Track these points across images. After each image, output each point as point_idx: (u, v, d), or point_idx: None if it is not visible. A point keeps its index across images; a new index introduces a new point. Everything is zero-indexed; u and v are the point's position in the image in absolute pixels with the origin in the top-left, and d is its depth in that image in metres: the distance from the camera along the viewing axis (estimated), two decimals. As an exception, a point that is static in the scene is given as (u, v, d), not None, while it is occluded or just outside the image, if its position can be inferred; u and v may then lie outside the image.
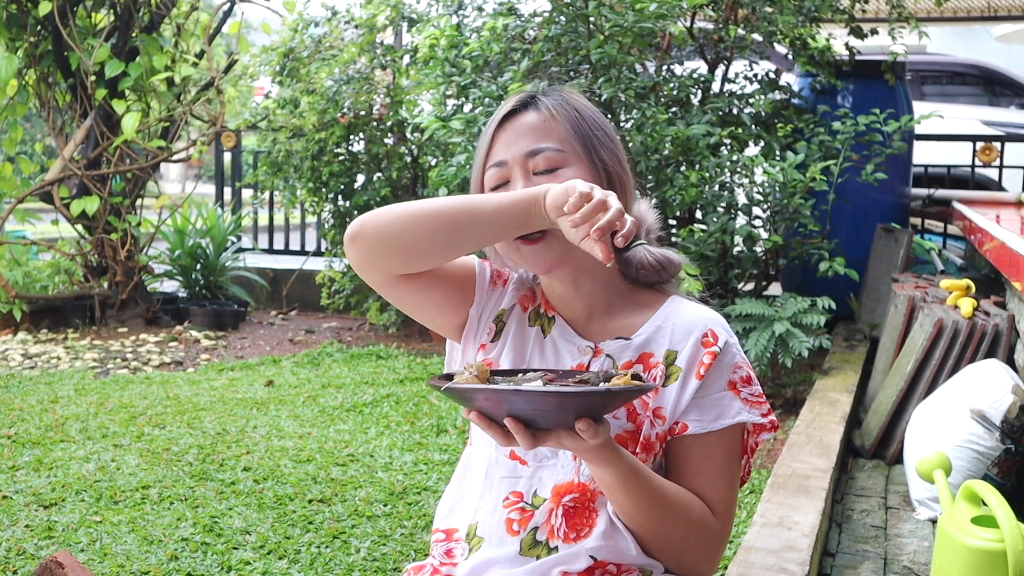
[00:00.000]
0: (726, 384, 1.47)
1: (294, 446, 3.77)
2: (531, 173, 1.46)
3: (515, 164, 1.46)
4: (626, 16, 4.18)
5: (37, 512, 3.10)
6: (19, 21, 5.86)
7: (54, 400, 4.37)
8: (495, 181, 1.48)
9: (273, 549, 2.85)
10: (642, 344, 1.48)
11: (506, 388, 1.23)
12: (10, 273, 5.87)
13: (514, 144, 1.47)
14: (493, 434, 1.27)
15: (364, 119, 5.77)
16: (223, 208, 7.35)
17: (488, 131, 1.51)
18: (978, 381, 3.25)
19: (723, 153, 4.56)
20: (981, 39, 13.67)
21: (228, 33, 6.46)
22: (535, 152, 1.46)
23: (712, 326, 1.48)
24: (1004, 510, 2.21)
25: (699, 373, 1.45)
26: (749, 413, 1.47)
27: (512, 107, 1.49)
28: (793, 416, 3.96)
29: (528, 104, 1.49)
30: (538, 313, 1.56)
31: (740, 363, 1.48)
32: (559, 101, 1.49)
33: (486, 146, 1.50)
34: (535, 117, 1.48)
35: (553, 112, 1.48)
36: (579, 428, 1.23)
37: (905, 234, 5.02)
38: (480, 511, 1.50)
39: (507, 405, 1.23)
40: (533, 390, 1.22)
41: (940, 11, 6.85)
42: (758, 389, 1.49)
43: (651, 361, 1.48)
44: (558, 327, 1.53)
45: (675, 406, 1.45)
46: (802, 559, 2.40)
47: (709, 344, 1.46)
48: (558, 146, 1.46)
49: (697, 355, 1.46)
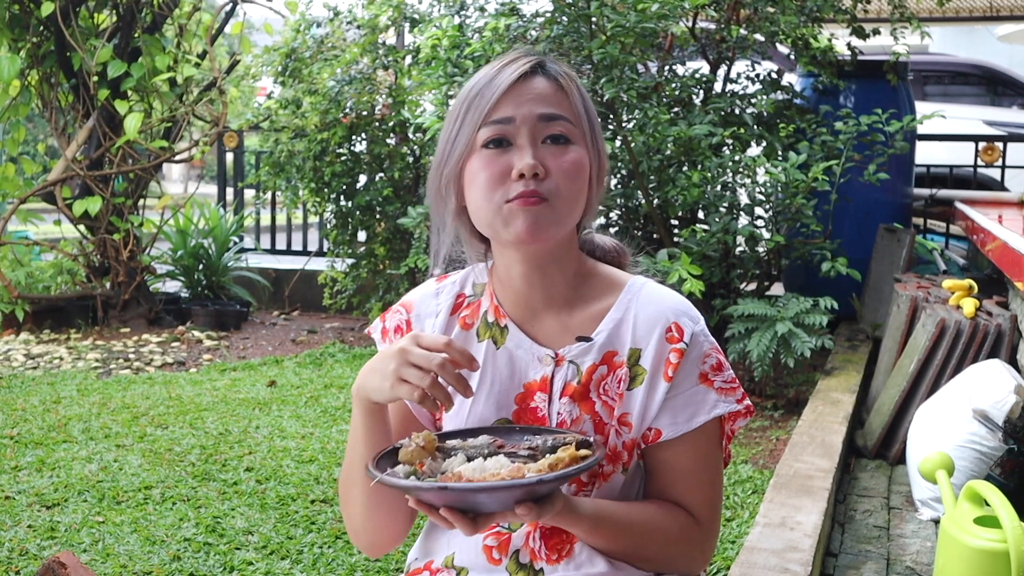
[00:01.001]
0: (697, 378, 1.38)
1: (296, 446, 3.77)
2: (538, 140, 1.34)
3: (524, 124, 1.33)
4: (628, 16, 4.18)
5: (40, 512, 3.10)
6: (22, 22, 5.86)
7: (56, 400, 4.37)
8: (493, 135, 1.34)
9: (275, 549, 2.86)
10: (605, 343, 1.39)
11: (431, 486, 1.17)
12: (13, 273, 5.87)
13: (525, 104, 1.34)
14: (435, 519, 1.21)
15: (366, 119, 5.77)
16: (225, 208, 7.35)
17: (487, 87, 1.35)
18: (981, 381, 3.24)
19: (725, 153, 4.56)
20: (983, 39, 13.65)
21: (230, 33, 6.46)
22: (552, 117, 1.34)
23: (676, 318, 1.38)
24: (1007, 510, 2.21)
25: (667, 374, 1.37)
26: (725, 403, 1.38)
27: (522, 71, 1.36)
28: (795, 416, 3.96)
29: (537, 70, 1.37)
30: (487, 323, 1.44)
31: (708, 351, 1.39)
32: (568, 75, 1.39)
33: (487, 103, 1.34)
34: (546, 84, 1.37)
35: (566, 84, 1.38)
36: (519, 513, 1.18)
37: (907, 234, 5.01)
38: (453, 540, 1.44)
39: (440, 501, 1.19)
40: (461, 487, 1.16)
41: (942, 11, 6.85)
42: (730, 374, 1.41)
43: (615, 360, 1.39)
44: (512, 337, 1.42)
45: (643, 412, 1.37)
46: (804, 559, 2.40)
47: (674, 340, 1.37)
48: (571, 118, 1.36)
49: (663, 353, 1.37)
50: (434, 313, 1.47)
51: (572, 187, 1.34)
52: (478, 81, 1.38)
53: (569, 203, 1.34)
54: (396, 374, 1.27)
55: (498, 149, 1.33)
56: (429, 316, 1.47)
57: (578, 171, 1.35)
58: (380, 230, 5.80)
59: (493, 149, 1.34)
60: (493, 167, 1.33)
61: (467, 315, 1.46)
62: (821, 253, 4.37)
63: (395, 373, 1.27)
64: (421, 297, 1.50)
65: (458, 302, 1.47)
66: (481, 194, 1.34)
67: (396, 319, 1.49)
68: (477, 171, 1.34)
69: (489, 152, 1.34)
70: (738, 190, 4.58)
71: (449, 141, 1.37)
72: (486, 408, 1.41)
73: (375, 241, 5.80)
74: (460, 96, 1.39)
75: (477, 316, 1.45)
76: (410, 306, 1.49)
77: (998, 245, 3.89)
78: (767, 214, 4.66)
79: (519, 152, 1.32)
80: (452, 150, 1.37)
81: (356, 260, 5.89)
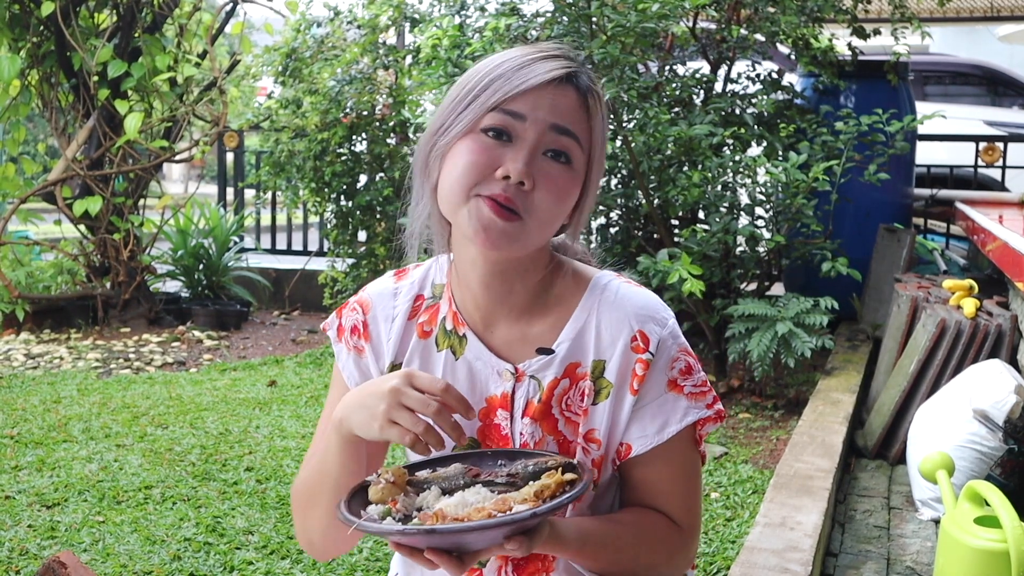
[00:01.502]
0: (665, 385, 1.32)
1: (297, 446, 3.77)
2: (540, 149, 1.26)
3: (533, 127, 1.25)
4: (628, 16, 4.18)
5: (40, 512, 3.10)
6: (22, 21, 5.86)
7: (57, 400, 4.37)
8: (498, 124, 1.26)
9: (276, 549, 2.86)
10: (566, 355, 1.32)
11: (417, 530, 1.11)
12: (13, 273, 5.87)
13: (543, 107, 1.26)
14: (418, 562, 1.15)
15: (367, 119, 5.77)
16: (226, 208, 7.35)
17: (515, 74, 1.27)
18: (981, 381, 3.24)
19: (725, 153, 4.56)
20: (984, 39, 13.66)
21: (231, 33, 6.47)
22: (563, 130, 1.26)
23: (640, 325, 1.31)
24: (1007, 510, 2.21)
25: (632, 387, 1.30)
26: (696, 409, 1.32)
27: (557, 74, 1.27)
28: (796, 416, 3.96)
29: (571, 78, 1.29)
30: (445, 332, 1.38)
31: (676, 354, 1.32)
32: (598, 96, 1.32)
33: (508, 90, 1.26)
34: (574, 96, 1.28)
35: (592, 104, 1.30)
36: (509, 548, 1.13)
37: (908, 234, 5.01)
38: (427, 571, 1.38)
39: (425, 543, 1.13)
40: (450, 529, 1.10)
41: (943, 11, 6.85)
42: (700, 376, 1.34)
43: (578, 372, 1.32)
44: (472, 348, 1.35)
45: (611, 427, 1.32)
46: (805, 559, 2.40)
47: (640, 350, 1.30)
48: (582, 140, 1.29)
49: (628, 365, 1.30)
50: (391, 317, 1.40)
51: (552, 208, 1.27)
52: (506, 62, 1.29)
53: (543, 224, 1.27)
54: (386, 415, 1.20)
55: (496, 140, 1.26)
56: (386, 320, 1.40)
57: (565, 194, 1.28)
58: (380, 230, 5.80)
59: (491, 138, 1.26)
60: (482, 155, 1.25)
61: (425, 321, 1.39)
62: (821, 253, 4.37)
63: (385, 414, 1.20)
64: (379, 295, 1.42)
65: (416, 305, 1.40)
66: (457, 175, 1.26)
67: (353, 319, 1.43)
68: (464, 152, 1.26)
69: (485, 140, 1.26)
70: (738, 190, 4.58)
71: (453, 112, 1.29)
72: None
73: (375, 241, 5.79)
74: (481, 68, 1.30)
75: (435, 323, 1.39)
76: (367, 305, 1.42)
77: (998, 245, 3.89)
78: (767, 214, 4.66)
79: (515, 152, 1.25)
80: (454, 123, 1.28)
81: (356, 260, 5.89)
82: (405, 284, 1.42)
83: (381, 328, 1.40)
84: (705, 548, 2.88)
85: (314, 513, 1.36)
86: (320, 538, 1.38)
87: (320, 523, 1.36)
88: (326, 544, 1.39)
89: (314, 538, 1.39)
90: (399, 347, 1.39)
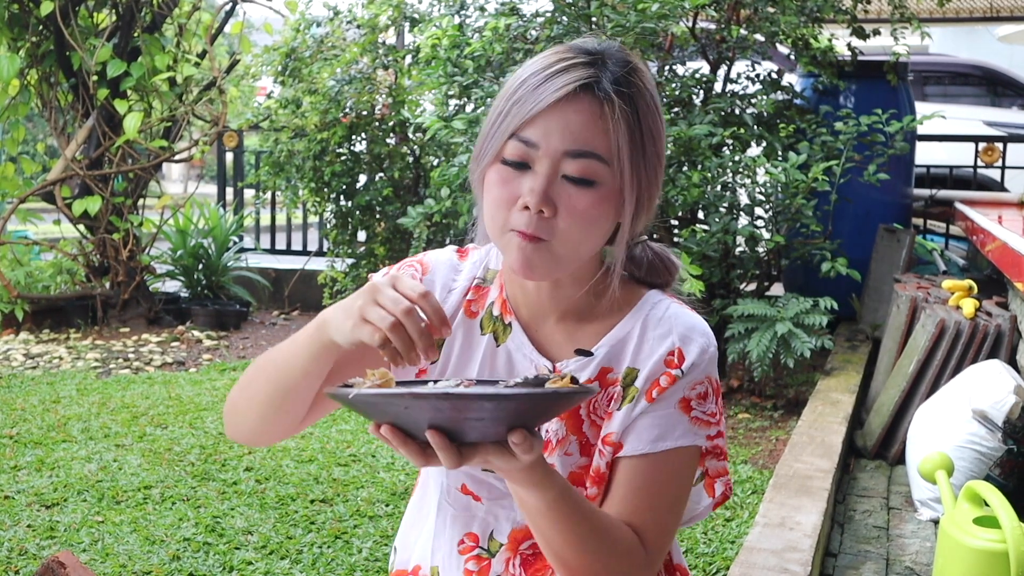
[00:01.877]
0: (677, 402, 1.29)
1: (296, 446, 3.77)
2: (557, 175, 1.23)
3: (547, 155, 1.23)
4: (628, 16, 4.18)
5: (39, 512, 3.10)
6: (21, 21, 5.86)
7: (56, 400, 4.37)
8: (515, 155, 1.25)
9: (275, 549, 2.85)
10: (603, 359, 1.32)
11: (432, 392, 1.04)
12: (12, 273, 5.87)
13: (555, 132, 1.23)
14: (408, 452, 1.09)
15: (366, 119, 5.77)
16: (225, 208, 7.35)
17: (530, 95, 1.24)
18: (980, 382, 3.25)
19: (725, 153, 4.56)
20: (983, 40, 13.65)
21: (230, 33, 6.46)
22: (577, 154, 1.23)
23: (682, 343, 1.30)
24: (1006, 511, 2.22)
25: (651, 395, 1.29)
26: (693, 435, 1.29)
27: (568, 90, 1.23)
28: (795, 416, 3.96)
29: (590, 86, 1.24)
30: (492, 316, 1.37)
31: (702, 379, 1.30)
32: (625, 98, 1.25)
33: (523, 115, 1.24)
34: (589, 109, 1.23)
35: (615, 112, 1.23)
36: (513, 442, 1.07)
37: (907, 234, 5.01)
38: (438, 552, 1.40)
39: (432, 413, 1.04)
40: (465, 393, 1.04)
41: (942, 12, 6.84)
42: (713, 407, 1.31)
43: (609, 377, 1.32)
44: (515, 338, 1.35)
45: (624, 432, 1.30)
46: (804, 559, 2.40)
47: (672, 365, 1.29)
48: (604, 156, 1.24)
49: (656, 375, 1.29)
50: (449, 288, 1.39)
51: (580, 231, 1.24)
52: (528, 79, 1.26)
53: (574, 246, 1.25)
54: (360, 312, 1.15)
55: (515, 170, 1.25)
56: (444, 288, 1.39)
57: (592, 216, 1.25)
58: (380, 230, 5.80)
59: (511, 168, 1.25)
60: (504, 189, 1.25)
61: (473, 300, 1.39)
62: (821, 253, 4.37)
63: (360, 311, 1.15)
64: (441, 264, 1.41)
65: (473, 286, 1.40)
66: (489, 211, 1.27)
67: (408, 275, 1.39)
68: (491, 185, 1.27)
69: (506, 170, 1.25)
70: (738, 190, 4.58)
71: (485, 137, 1.29)
72: None
73: (375, 241, 5.79)
74: (511, 84, 1.29)
75: (483, 305, 1.38)
76: (427, 268, 1.40)
77: (998, 246, 3.89)
78: (767, 214, 4.66)
79: (532, 181, 1.23)
80: (486, 150, 1.28)
81: (356, 260, 5.88)
82: (468, 263, 1.42)
83: (436, 295, 1.36)
84: (704, 548, 2.88)
85: (256, 391, 1.32)
86: (259, 418, 1.34)
87: (258, 408, 1.32)
88: (265, 428, 1.35)
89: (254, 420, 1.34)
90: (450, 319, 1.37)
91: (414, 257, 1.43)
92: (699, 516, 1.38)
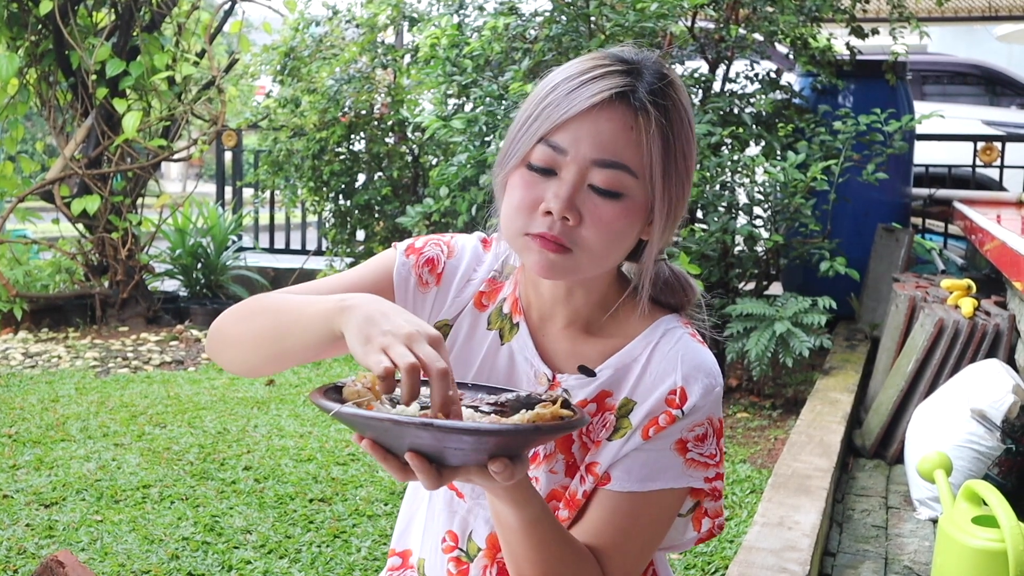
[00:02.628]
0: (673, 442, 1.24)
1: (295, 445, 3.77)
2: (583, 183, 1.19)
3: (574, 162, 1.19)
4: (627, 16, 4.18)
5: (38, 511, 3.10)
6: (20, 20, 5.86)
7: (55, 399, 4.37)
8: (542, 160, 1.21)
9: (274, 548, 2.86)
10: (604, 382, 1.28)
11: (412, 421, 1.01)
12: (11, 272, 5.87)
13: (585, 139, 1.19)
14: (388, 467, 1.06)
15: (365, 118, 5.77)
16: (224, 207, 7.34)
17: (563, 100, 1.20)
18: (979, 381, 3.25)
19: (724, 153, 4.56)
20: (982, 39, 13.66)
21: (229, 32, 6.46)
22: (606, 164, 1.19)
23: (685, 383, 1.24)
24: (1005, 510, 2.22)
25: (647, 433, 1.24)
26: (688, 477, 1.24)
27: (601, 97, 1.19)
28: (794, 416, 3.96)
29: (625, 95, 1.20)
30: (501, 313, 1.34)
31: (702, 420, 1.25)
32: (660, 109, 1.21)
33: (553, 120, 1.20)
34: (622, 118, 1.19)
35: (650, 124, 1.19)
36: (493, 470, 1.04)
37: (906, 234, 5.02)
38: (426, 546, 1.38)
39: (410, 440, 1.03)
40: (446, 425, 1.00)
41: (941, 11, 6.85)
42: (711, 448, 1.26)
43: (607, 402, 1.27)
44: (519, 339, 1.32)
45: (611, 465, 1.25)
46: (803, 559, 2.40)
47: (673, 405, 1.24)
48: (633, 169, 1.20)
49: (655, 413, 1.24)
50: (468, 279, 1.35)
51: (604, 242, 1.21)
52: (561, 84, 1.22)
53: (597, 257, 1.21)
54: (381, 342, 1.06)
55: (540, 175, 1.21)
56: (463, 279, 1.35)
57: (616, 228, 1.21)
58: (379, 229, 5.80)
59: (536, 173, 1.21)
60: (528, 193, 1.21)
61: (485, 293, 1.35)
62: (820, 253, 4.37)
63: (381, 342, 1.06)
64: (467, 251, 1.37)
65: (490, 278, 1.36)
66: (508, 213, 1.24)
67: (435, 252, 1.36)
68: (513, 188, 1.23)
69: (530, 175, 1.22)
70: (737, 189, 4.58)
71: (513, 139, 1.24)
72: None
73: (374, 240, 5.79)
74: (543, 88, 1.24)
75: (493, 300, 1.35)
76: (454, 251, 1.37)
77: (996, 245, 3.89)
78: (766, 214, 4.66)
79: (557, 188, 1.19)
80: (512, 152, 1.24)
81: (355, 259, 5.88)
82: (490, 256, 1.38)
83: (455, 282, 1.35)
84: (703, 548, 2.88)
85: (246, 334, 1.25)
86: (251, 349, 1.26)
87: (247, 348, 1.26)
88: (235, 360, 1.29)
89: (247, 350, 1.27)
90: (459, 311, 1.35)
91: (443, 236, 1.39)
92: (680, 547, 1.34)
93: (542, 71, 4.52)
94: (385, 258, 1.36)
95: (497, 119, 4.30)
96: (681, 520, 1.30)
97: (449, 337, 1.34)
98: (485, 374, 1.33)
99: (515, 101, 4.26)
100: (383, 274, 1.34)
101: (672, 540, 1.32)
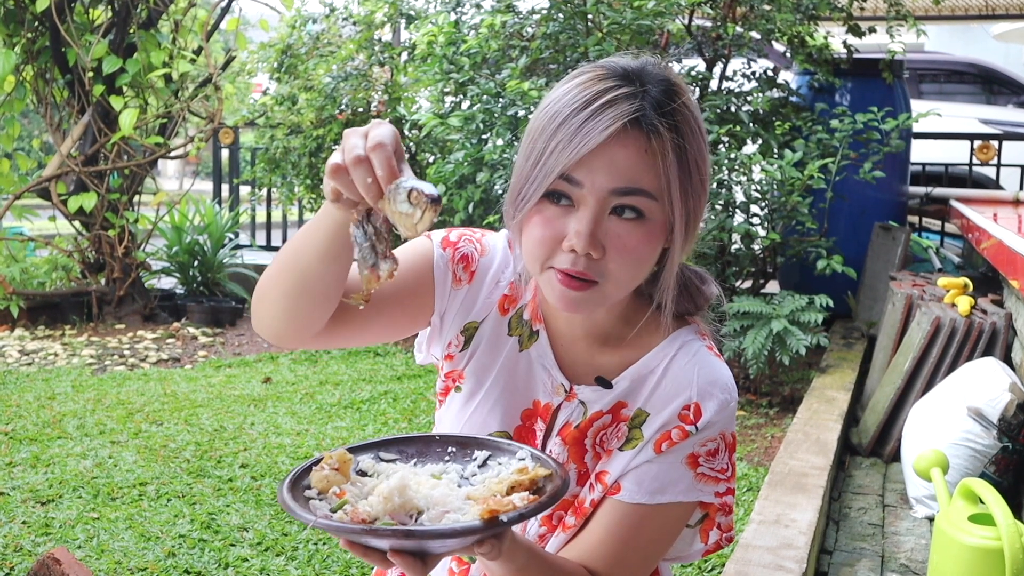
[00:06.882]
0: (685, 456, 1.24)
1: (291, 443, 3.77)
2: (604, 212, 1.16)
3: (592, 194, 1.16)
4: (624, 13, 4.18)
5: (34, 508, 3.10)
6: (16, 17, 5.85)
7: (51, 396, 4.37)
8: (555, 189, 1.18)
9: (271, 546, 2.85)
10: (621, 393, 1.28)
11: (393, 530, 1.01)
12: (7, 269, 5.86)
13: (601, 171, 1.15)
14: (371, 561, 1.05)
15: (362, 116, 5.77)
16: (221, 205, 7.34)
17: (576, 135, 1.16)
18: (975, 379, 3.25)
19: (721, 151, 4.56)
20: (979, 38, 13.67)
21: (226, 30, 6.45)
22: (625, 192, 1.16)
23: (700, 398, 1.24)
24: (1001, 508, 2.22)
25: (659, 447, 1.24)
26: (698, 491, 1.24)
27: (615, 127, 1.15)
28: (790, 414, 3.96)
29: (639, 120, 1.16)
30: (521, 320, 1.33)
31: (715, 435, 1.25)
32: (671, 128, 1.18)
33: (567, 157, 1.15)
34: (638, 144, 1.16)
35: (664, 145, 1.17)
36: (480, 552, 1.05)
37: (903, 232, 5.02)
38: None
39: (392, 543, 1.02)
40: (429, 531, 1.01)
41: (938, 9, 6.86)
42: (723, 463, 1.26)
43: (622, 413, 1.27)
44: (539, 347, 1.31)
45: (622, 475, 1.25)
46: (799, 557, 2.40)
47: (687, 420, 1.24)
48: (652, 192, 1.17)
49: (668, 427, 1.24)
50: (498, 281, 1.33)
51: (629, 269, 1.19)
52: (568, 117, 1.17)
53: (622, 285, 1.20)
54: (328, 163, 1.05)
55: (560, 207, 1.18)
56: (494, 280, 1.33)
57: (642, 253, 1.19)
58: (376, 227, 5.80)
59: (555, 205, 1.18)
60: (548, 228, 1.18)
61: (508, 297, 1.33)
62: (816, 251, 4.37)
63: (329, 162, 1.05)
64: (497, 251, 1.35)
65: (511, 281, 1.34)
66: (529, 248, 1.20)
67: (470, 250, 1.34)
68: (532, 225, 1.19)
69: (550, 208, 1.18)
70: (734, 188, 4.58)
71: (527, 180, 1.19)
72: (493, 411, 1.31)
73: (371, 238, 5.79)
74: (548, 119, 1.19)
75: (514, 306, 1.33)
76: (486, 249, 1.34)
77: (993, 243, 3.89)
78: (763, 212, 4.66)
79: (577, 222, 1.16)
80: (527, 194, 1.19)
81: (352, 257, 5.88)
82: (514, 259, 1.35)
83: (487, 282, 1.33)
84: (700, 545, 2.88)
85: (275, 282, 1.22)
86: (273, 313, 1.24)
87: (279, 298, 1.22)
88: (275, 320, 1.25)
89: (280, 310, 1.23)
90: (485, 314, 1.33)
91: (474, 231, 1.37)
92: (686, 558, 1.34)
93: (539, 69, 4.55)
94: (422, 247, 1.33)
95: (494, 116, 4.29)
96: (689, 531, 1.30)
97: (475, 339, 1.33)
98: (503, 380, 1.32)
99: (512, 99, 4.26)
100: (423, 264, 1.32)
101: (679, 551, 1.32)
